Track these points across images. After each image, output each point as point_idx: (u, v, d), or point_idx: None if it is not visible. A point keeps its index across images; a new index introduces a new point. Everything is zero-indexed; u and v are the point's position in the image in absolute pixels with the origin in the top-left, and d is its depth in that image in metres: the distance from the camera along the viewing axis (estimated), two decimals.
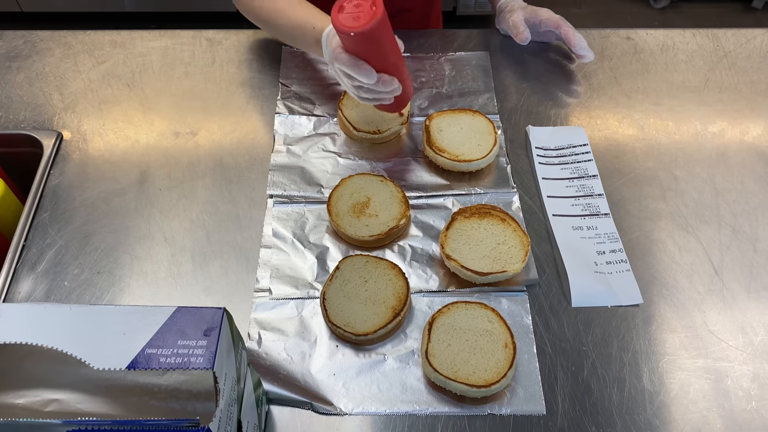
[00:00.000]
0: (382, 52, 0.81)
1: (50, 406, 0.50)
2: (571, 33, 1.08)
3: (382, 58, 0.82)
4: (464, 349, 0.75)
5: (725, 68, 1.14)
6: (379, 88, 0.83)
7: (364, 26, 0.74)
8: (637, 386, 0.76)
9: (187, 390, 0.49)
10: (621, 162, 0.99)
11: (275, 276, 0.85)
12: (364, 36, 0.75)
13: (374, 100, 0.88)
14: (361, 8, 0.75)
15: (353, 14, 0.75)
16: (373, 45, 0.79)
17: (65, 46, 1.16)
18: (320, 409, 0.73)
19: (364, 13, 0.74)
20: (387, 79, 0.83)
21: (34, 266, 0.86)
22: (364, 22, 0.74)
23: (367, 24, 0.74)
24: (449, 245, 0.85)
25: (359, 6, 0.75)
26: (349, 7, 0.75)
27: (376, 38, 0.77)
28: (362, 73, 0.81)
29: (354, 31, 0.74)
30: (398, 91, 0.86)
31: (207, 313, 0.51)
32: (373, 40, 0.78)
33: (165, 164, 0.98)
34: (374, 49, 0.80)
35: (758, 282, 0.85)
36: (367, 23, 0.74)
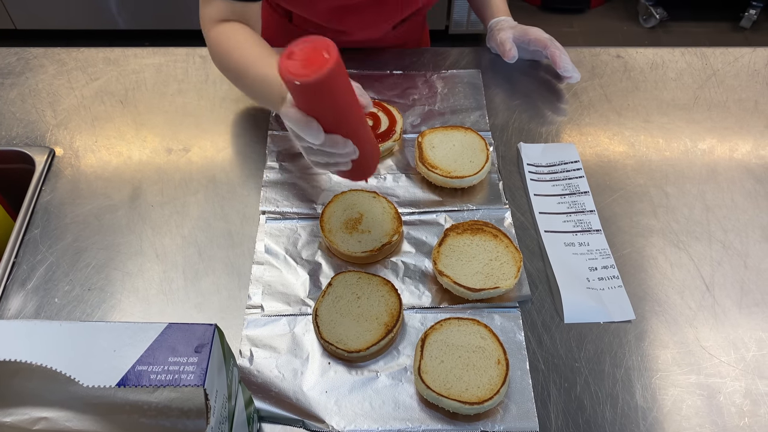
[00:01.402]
0: (334, 108, 0.68)
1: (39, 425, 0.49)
2: (557, 54, 1.09)
3: (334, 115, 0.69)
4: (457, 366, 0.75)
5: (714, 86, 1.16)
6: (329, 150, 0.71)
7: (311, 76, 0.61)
8: (630, 402, 0.75)
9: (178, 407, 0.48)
10: (612, 178, 1.00)
11: (267, 292, 0.84)
12: (312, 88, 0.63)
13: (328, 164, 0.76)
14: (313, 54, 0.62)
15: (302, 62, 0.62)
16: (323, 99, 0.66)
17: (58, 63, 1.16)
18: (312, 427, 0.73)
19: (315, 61, 0.62)
20: (339, 140, 0.71)
21: (25, 283, 0.85)
22: (313, 70, 0.61)
23: (315, 73, 0.61)
24: (442, 261, 0.85)
25: (311, 52, 0.63)
26: (299, 54, 0.63)
27: (327, 91, 0.65)
28: (308, 132, 0.69)
29: (300, 81, 0.61)
30: (354, 155, 0.73)
31: (198, 329, 0.51)
32: (324, 94, 0.65)
33: (157, 181, 0.98)
34: (325, 103, 0.67)
35: (749, 298, 0.85)
36: (315, 72, 0.61)
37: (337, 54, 0.62)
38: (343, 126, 0.70)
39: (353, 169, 0.77)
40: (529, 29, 1.13)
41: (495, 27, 1.17)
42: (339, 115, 0.70)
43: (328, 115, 0.69)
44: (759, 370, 0.78)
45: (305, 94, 0.66)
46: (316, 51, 0.62)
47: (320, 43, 0.63)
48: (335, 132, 0.70)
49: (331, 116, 0.69)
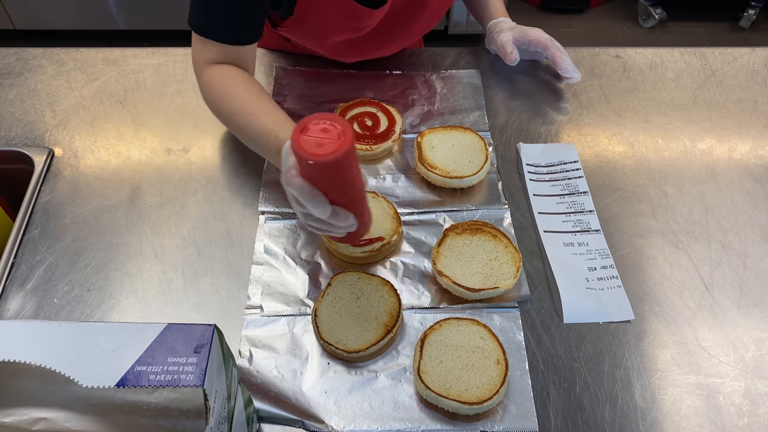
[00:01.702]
0: (342, 185, 0.69)
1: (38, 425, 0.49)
2: (558, 55, 1.09)
3: (340, 191, 0.70)
4: (456, 366, 0.75)
5: (713, 86, 1.16)
6: (332, 222, 0.71)
7: (326, 156, 0.61)
8: (629, 402, 0.75)
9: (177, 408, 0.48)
10: (611, 179, 1.00)
11: (266, 293, 0.84)
12: (325, 167, 0.63)
13: (324, 231, 0.76)
14: (327, 134, 0.63)
15: (317, 139, 0.62)
16: (333, 177, 0.67)
17: (58, 63, 1.16)
18: (312, 428, 0.73)
19: (330, 141, 0.62)
20: (342, 214, 0.71)
21: (24, 283, 0.85)
22: (328, 151, 0.62)
23: (330, 154, 0.61)
24: (441, 261, 0.85)
25: (326, 131, 0.63)
26: (314, 130, 0.63)
27: (338, 170, 0.65)
28: (315, 204, 0.68)
29: (314, 160, 0.62)
30: (352, 228, 0.74)
31: (197, 330, 0.51)
32: (335, 172, 0.66)
33: (157, 181, 0.98)
34: (334, 181, 0.68)
35: (748, 298, 0.85)
36: (330, 153, 0.61)
37: (352, 135, 0.63)
38: (347, 201, 0.71)
39: (346, 236, 0.77)
40: (529, 30, 1.13)
41: (494, 29, 1.17)
42: (345, 191, 0.70)
43: (336, 190, 0.69)
44: (758, 370, 0.78)
45: (316, 171, 0.66)
46: (331, 129, 0.63)
47: (336, 122, 0.64)
48: (338, 204, 0.70)
49: (338, 191, 0.69)
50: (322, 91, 1.11)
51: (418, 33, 1.10)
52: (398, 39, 1.09)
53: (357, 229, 0.75)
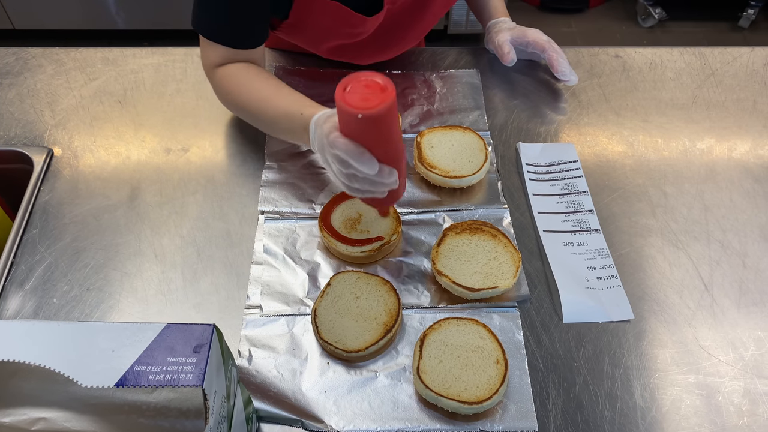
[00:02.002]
0: (386, 140, 0.71)
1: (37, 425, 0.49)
2: (555, 57, 1.09)
3: (385, 147, 0.71)
4: (456, 366, 0.75)
5: (712, 86, 1.16)
6: (377, 179, 0.73)
7: (374, 108, 0.64)
8: (628, 402, 0.75)
9: (177, 408, 0.48)
10: (611, 178, 1.00)
11: (266, 293, 0.84)
12: (372, 120, 0.65)
13: (367, 192, 0.77)
14: (370, 89, 0.65)
15: (361, 95, 0.65)
16: (379, 131, 0.69)
17: (57, 63, 1.16)
18: (311, 427, 0.73)
19: (375, 95, 0.65)
20: (387, 170, 0.72)
21: (23, 283, 0.85)
22: (375, 104, 0.64)
23: (377, 106, 0.64)
24: (440, 261, 0.85)
25: (369, 87, 0.65)
26: (357, 87, 0.65)
27: (385, 124, 0.68)
28: (363, 162, 0.70)
29: (363, 113, 0.64)
30: (395, 185, 0.75)
31: (196, 329, 0.51)
32: (381, 126, 0.68)
33: (156, 181, 0.98)
34: (379, 136, 0.70)
35: (748, 297, 0.85)
36: (377, 105, 0.64)
37: (394, 89, 0.65)
38: (391, 157, 0.73)
39: (387, 197, 0.78)
40: (528, 31, 1.13)
41: (493, 28, 1.17)
42: (390, 146, 0.72)
43: (381, 146, 0.71)
44: (757, 369, 0.78)
45: (363, 126, 0.68)
46: (374, 84, 0.65)
47: (377, 77, 0.66)
48: (384, 161, 0.72)
49: (383, 147, 0.71)
50: (321, 91, 1.11)
51: (416, 38, 1.11)
52: (396, 45, 1.09)
53: (397, 190, 0.78)
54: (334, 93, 0.65)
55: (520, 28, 1.14)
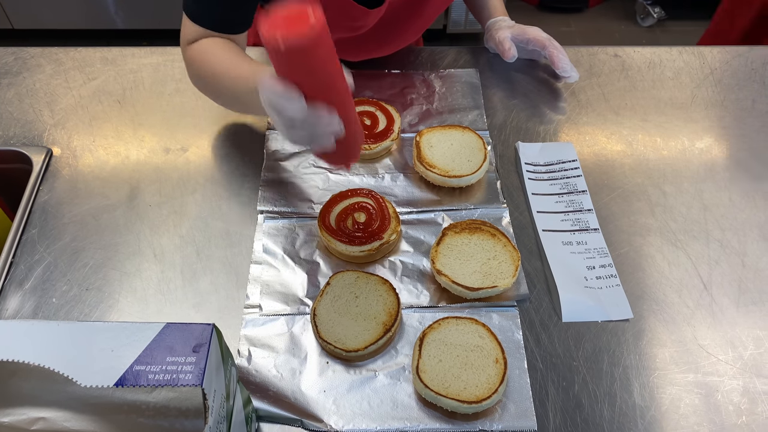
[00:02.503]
0: (320, 74, 0.62)
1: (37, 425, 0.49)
2: (556, 54, 1.09)
3: (319, 83, 0.63)
4: (455, 365, 0.75)
5: (711, 85, 1.16)
6: (313, 122, 0.65)
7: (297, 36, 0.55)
8: (628, 401, 0.76)
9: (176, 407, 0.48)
10: (610, 177, 1.00)
11: (265, 292, 0.84)
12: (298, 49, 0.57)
13: (310, 140, 0.69)
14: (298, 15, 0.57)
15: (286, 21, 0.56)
16: (308, 63, 0.60)
17: (56, 62, 1.16)
18: (310, 427, 0.73)
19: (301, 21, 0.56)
20: (323, 111, 0.64)
21: (22, 283, 0.85)
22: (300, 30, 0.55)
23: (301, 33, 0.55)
24: (440, 260, 0.85)
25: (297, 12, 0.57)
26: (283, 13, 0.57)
27: (313, 54, 0.59)
28: (288, 101, 0.63)
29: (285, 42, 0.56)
30: (338, 129, 0.67)
31: (196, 329, 0.51)
32: (309, 56, 0.59)
33: (155, 180, 0.98)
34: (310, 68, 0.61)
35: (747, 296, 0.85)
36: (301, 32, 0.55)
37: (322, 15, 0.57)
38: (327, 94, 0.64)
39: (337, 151, 0.70)
40: (528, 29, 1.13)
41: (493, 27, 1.17)
42: (324, 82, 0.63)
43: (312, 82, 0.62)
44: (756, 368, 0.78)
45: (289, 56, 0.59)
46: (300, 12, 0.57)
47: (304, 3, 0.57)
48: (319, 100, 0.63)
49: (316, 83, 0.63)
50: None
51: (416, 34, 1.11)
52: (395, 40, 1.09)
53: (347, 142, 0.69)
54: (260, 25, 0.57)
55: (519, 26, 1.14)
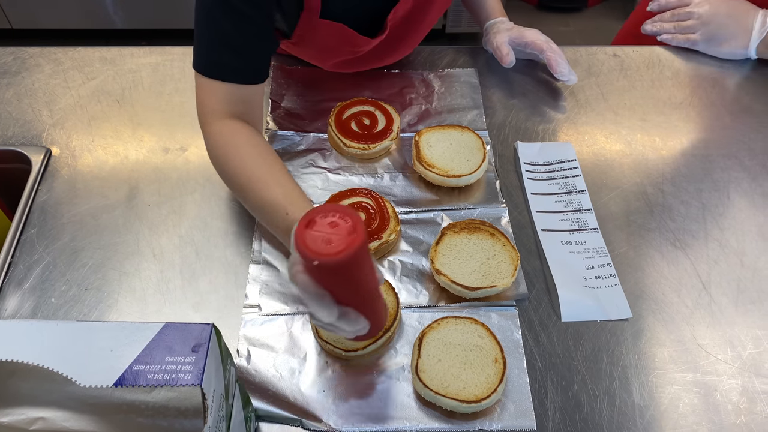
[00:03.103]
0: (352, 287, 0.61)
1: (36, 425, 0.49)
2: (554, 58, 1.09)
3: (350, 293, 0.62)
4: (454, 365, 0.75)
5: (709, 85, 1.16)
6: (339, 324, 0.63)
7: (333, 257, 0.53)
8: (627, 401, 0.76)
9: (175, 407, 0.48)
10: (609, 177, 1.00)
11: (265, 292, 0.84)
12: (333, 268, 0.54)
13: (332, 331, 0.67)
14: (336, 229, 0.54)
15: (324, 235, 0.53)
16: (342, 278, 0.58)
17: (55, 62, 1.16)
18: (310, 426, 0.73)
19: (339, 238, 0.53)
20: (352, 316, 0.63)
21: (21, 283, 0.85)
22: (336, 251, 0.53)
23: (338, 254, 0.53)
24: (439, 260, 0.85)
25: (335, 226, 0.54)
26: (322, 224, 0.54)
27: (348, 271, 0.57)
28: (320, 306, 0.60)
29: (319, 260, 0.53)
30: (363, 331, 0.66)
31: (195, 329, 0.51)
32: (344, 274, 0.57)
33: (154, 180, 0.97)
34: (343, 282, 0.60)
35: (746, 296, 0.86)
36: (338, 253, 0.53)
37: (364, 231, 0.54)
38: (358, 302, 0.63)
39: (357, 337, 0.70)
40: (526, 31, 1.13)
41: (491, 29, 1.17)
42: (355, 293, 0.62)
43: (343, 291, 0.61)
44: (755, 367, 0.79)
45: (322, 272, 0.58)
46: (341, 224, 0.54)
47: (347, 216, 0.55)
48: (348, 305, 0.62)
49: (348, 293, 0.62)
50: (319, 90, 1.11)
51: (415, 44, 1.11)
52: (396, 54, 1.09)
53: (369, 331, 0.68)
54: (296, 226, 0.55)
55: (518, 29, 1.14)
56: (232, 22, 0.82)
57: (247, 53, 0.85)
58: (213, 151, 0.86)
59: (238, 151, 0.83)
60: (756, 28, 1.12)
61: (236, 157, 0.83)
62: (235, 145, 0.83)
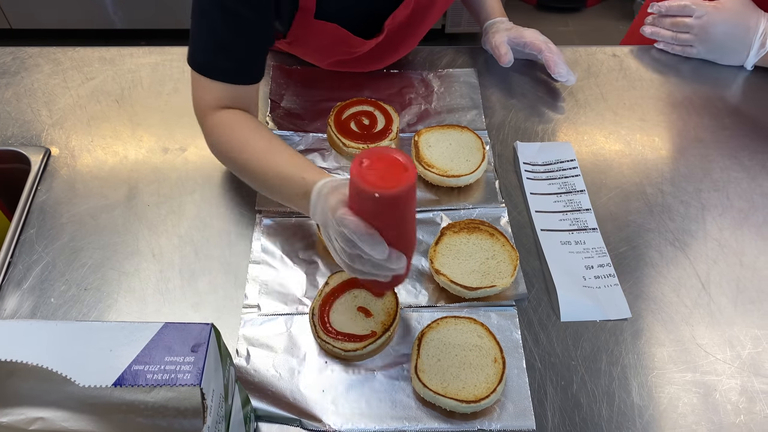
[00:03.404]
0: (401, 223, 0.65)
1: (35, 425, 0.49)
2: (552, 59, 1.09)
3: (398, 231, 0.65)
4: (454, 365, 0.75)
5: (709, 85, 1.16)
6: (385, 264, 0.66)
7: (393, 188, 0.57)
8: (626, 400, 0.76)
9: (174, 407, 0.48)
10: (608, 177, 1.00)
11: (264, 292, 0.84)
12: (390, 201, 0.59)
13: (370, 275, 0.69)
14: (390, 167, 0.59)
15: (380, 172, 0.58)
16: (394, 213, 0.63)
17: (54, 62, 1.16)
18: (309, 426, 0.73)
19: (394, 174, 0.58)
20: (396, 255, 0.66)
21: (20, 283, 0.85)
22: (395, 183, 0.57)
23: (397, 186, 0.57)
24: (438, 260, 0.85)
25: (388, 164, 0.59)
26: (375, 164, 0.59)
27: (401, 206, 0.61)
28: (374, 245, 0.63)
29: (380, 192, 0.57)
30: (402, 271, 0.69)
31: (194, 329, 0.51)
32: (397, 208, 0.62)
33: (154, 180, 0.97)
34: (394, 218, 0.63)
35: (745, 295, 0.86)
36: (397, 185, 0.57)
37: (415, 169, 0.59)
38: (403, 241, 0.66)
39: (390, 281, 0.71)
40: (525, 31, 1.13)
41: (490, 29, 1.17)
42: (403, 230, 0.66)
43: (394, 229, 0.64)
44: (755, 367, 0.79)
45: (377, 207, 0.61)
46: (395, 162, 0.59)
47: (398, 155, 0.60)
48: (394, 245, 0.65)
49: (397, 230, 0.65)
50: (319, 90, 1.11)
51: (413, 45, 1.11)
52: (393, 55, 1.09)
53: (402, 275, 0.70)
54: (350, 167, 0.59)
55: (517, 29, 1.14)
56: (226, 22, 0.82)
57: (242, 54, 0.85)
58: (212, 138, 0.88)
59: (238, 133, 0.84)
60: (754, 49, 1.12)
61: (238, 138, 0.84)
62: (234, 128, 0.85)
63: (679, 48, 1.19)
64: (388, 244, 0.64)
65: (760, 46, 1.11)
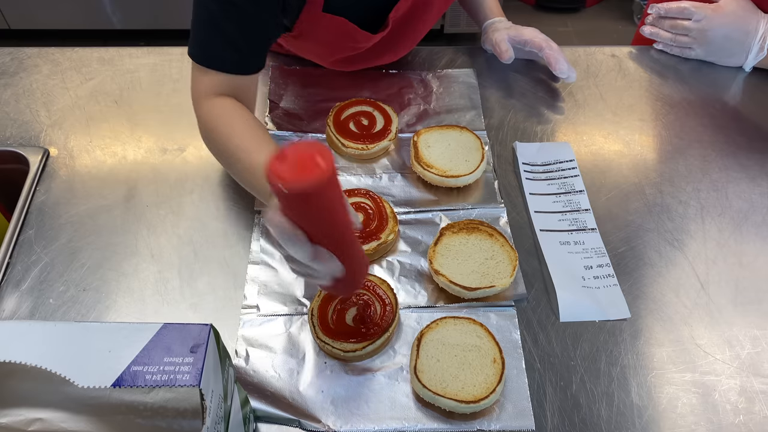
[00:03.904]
0: (324, 222, 0.61)
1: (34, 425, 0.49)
2: (553, 56, 1.09)
3: (323, 230, 0.62)
4: (453, 365, 0.75)
5: (708, 85, 1.16)
6: (312, 264, 0.63)
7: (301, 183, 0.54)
8: (625, 401, 0.76)
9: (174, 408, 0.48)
10: (607, 177, 1.00)
11: (263, 292, 0.84)
12: (301, 197, 0.55)
13: (306, 276, 0.67)
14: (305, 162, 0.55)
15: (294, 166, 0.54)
16: (311, 211, 0.59)
17: (53, 62, 1.15)
18: (308, 427, 0.73)
19: (308, 169, 0.54)
20: (325, 256, 0.63)
21: (19, 284, 0.85)
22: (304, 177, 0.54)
23: (307, 181, 0.54)
24: (437, 260, 0.85)
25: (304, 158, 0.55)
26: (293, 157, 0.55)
27: (316, 203, 0.57)
28: (295, 246, 0.61)
29: (288, 188, 0.54)
30: (337, 273, 0.65)
31: (193, 329, 0.51)
32: (312, 205, 0.58)
33: (153, 180, 0.97)
34: (313, 216, 0.60)
35: (744, 296, 0.86)
36: (306, 180, 0.54)
37: (332, 162, 0.55)
38: (332, 241, 0.63)
39: (336, 286, 0.69)
40: (524, 30, 1.13)
41: (490, 28, 1.17)
42: (330, 230, 0.63)
43: (316, 227, 0.62)
44: (754, 367, 0.79)
45: (293, 202, 0.58)
46: (310, 156, 0.55)
47: (315, 147, 0.56)
48: (321, 245, 0.63)
49: (320, 230, 0.62)
50: (318, 91, 1.11)
51: (415, 42, 1.11)
52: (396, 51, 1.09)
53: (346, 279, 0.67)
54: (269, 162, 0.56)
55: (516, 28, 1.14)
56: (227, 13, 0.82)
57: (242, 45, 0.86)
58: (202, 125, 0.88)
59: (226, 121, 0.85)
60: (753, 53, 1.12)
61: (226, 126, 0.84)
62: (223, 115, 0.85)
63: (678, 49, 1.20)
64: (319, 245, 0.62)
65: (759, 49, 1.11)
